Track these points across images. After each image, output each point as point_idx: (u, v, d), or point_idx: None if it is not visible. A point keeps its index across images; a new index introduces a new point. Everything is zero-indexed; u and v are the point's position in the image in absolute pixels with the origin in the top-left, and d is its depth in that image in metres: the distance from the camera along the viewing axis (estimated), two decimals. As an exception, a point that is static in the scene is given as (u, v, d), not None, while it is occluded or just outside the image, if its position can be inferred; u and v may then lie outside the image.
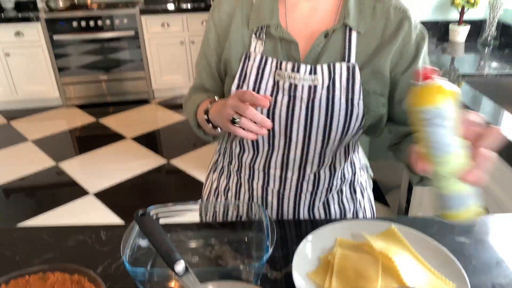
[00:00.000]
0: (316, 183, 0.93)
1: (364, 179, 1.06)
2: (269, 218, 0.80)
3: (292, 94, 0.82)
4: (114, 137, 3.53)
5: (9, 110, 4.08)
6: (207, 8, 3.80)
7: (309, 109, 0.83)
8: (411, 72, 0.83)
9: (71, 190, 2.79)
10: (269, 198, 0.95)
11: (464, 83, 1.72)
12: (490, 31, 2.29)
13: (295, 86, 0.82)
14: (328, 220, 0.98)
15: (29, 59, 3.85)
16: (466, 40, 2.38)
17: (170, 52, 4.04)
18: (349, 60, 0.82)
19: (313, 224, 0.93)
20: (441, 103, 0.57)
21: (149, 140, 3.48)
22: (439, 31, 2.45)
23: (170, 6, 3.96)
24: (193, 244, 0.87)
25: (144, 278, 0.71)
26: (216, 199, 1.04)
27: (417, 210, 2.03)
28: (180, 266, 0.62)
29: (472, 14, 2.38)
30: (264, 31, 0.85)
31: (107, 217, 2.50)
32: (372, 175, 1.11)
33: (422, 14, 2.43)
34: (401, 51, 0.82)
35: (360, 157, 1.03)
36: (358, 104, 0.82)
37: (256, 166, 0.93)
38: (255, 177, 0.95)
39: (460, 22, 2.38)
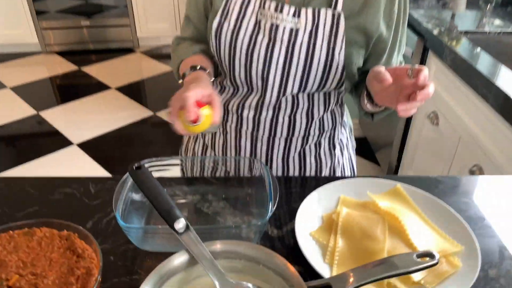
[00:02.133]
0: (291, 128, 0.90)
1: (346, 137, 1.02)
2: (271, 175, 0.76)
3: (272, 35, 0.81)
4: (97, 86, 3.39)
5: (-15, 55, 3.87)
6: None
7: (289, 53, 0.81)
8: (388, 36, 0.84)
9: (53, 141, 2.70)
10: (243, 140, 0.92)
11: (464, 40, 1.66)
12: (493, -14, 2.20)
13: (277, 27, 0.80)
14: (303, 173, 0.95)
15: (4, 0, 3.60)
16: (468, -4, 2.29)
17: (156, -2, 3.83)
18: (335, 7, 0.79)
19: (318, 182, 0.89)
20: None
21: (134, 91, 3.36)
22: (440, -15, 2.34)
23: None
24: (189, 200, 0.82)
25: (138, 234, 0.67)
26: (195, 143, 1.01)
27: (408, 169, 2.03)
28: (180, 223, 0.57)
29: (476, -33, 2.27)
30: None
31: (92, 168, 2.44)
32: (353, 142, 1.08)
33: (425, -34, 2.31)
34: (389, 12, 0.81)
35: (344, 115, 1.00)
36: (339, 54, 0.80)
37: (230, 107, 0.91)
38: (228, 118, 0.92)
39: (463, -25, 2.27)
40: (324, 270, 0.66)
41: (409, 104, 0.67)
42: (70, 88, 3.42)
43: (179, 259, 0.56)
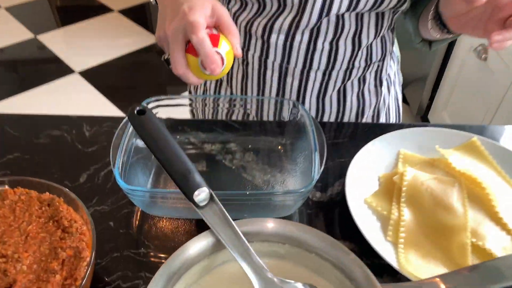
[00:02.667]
0: (332, 58, 0.70)
1: (394, 72, 0.83)
2: (314, 122, 0.58)
3: None
4: (99, 9, 3.11)
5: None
6: None
7: None
8: None
9: (54, 68, 2.50)
10: (268, 74, 0.73)
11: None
12: None
13: None
14: (341, 116, 0.77)
15: None
16: None
17: None
18: None
19: (366, 129, 0.71)
20: None
21: (139, 15, 3.08)
22: None
23: None
24: (206, 149, 0.66)
25: (144, 197, 0.51)
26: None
27: (442, 110, 1.83)
28: (202, 194, 0.40)
29: None
30: None
31: (96, 99, 2.26)
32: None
33: None
34: None
35: (394, 44, 0.80)
36: None
37: (253, 30, 0.69)
38: (251, 45, 0.71)
39: None
40: (387, 250, 0.51)
41: (508, 32, 0.48)
42: (70, 10, 3.15)
43: (199, 244, 0.40)
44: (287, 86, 0.73)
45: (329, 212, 0.57)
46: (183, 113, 0.67)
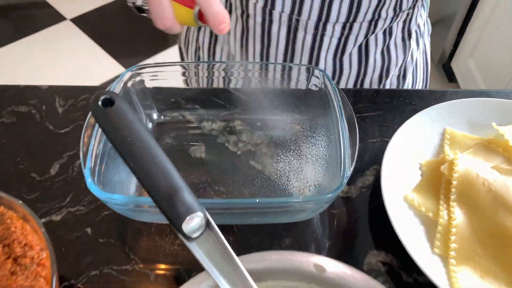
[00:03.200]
0: (355, 6, 0.55)
1: (423, 21, 0.68)
2: (340, 93, 0.45)
3: None
4: None
5: None
6: None
7: None
8: None
9: (44, 14, 2.32)
10: (274, 28, 0.59)
11: None
12: None
13: None
14: (361, 78, 0.64)
15: None
16: None
17: None
18: None
19: (399, 97, 0.58)
20: None
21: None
22: None
23: None
24: (205, 129, 0.53)
25: (127, 207, 0.40)
26: (198, 32, 0.68)
27: (468, 57, 1.66)
28: (195, 221, 0.29)
29: None
30: None
31: (91, 49, 2.10)
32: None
33: None
34: None
35: None
36: None
37: None
38: None
39: None
40: (434, 266, 0.40)
41: None
42: None
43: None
44: (297, 43, 0.59)
45: (359, 212, 0.46)
46: (177, 81, 0.54)
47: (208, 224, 0.30)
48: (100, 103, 0.31)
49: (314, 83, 0.51)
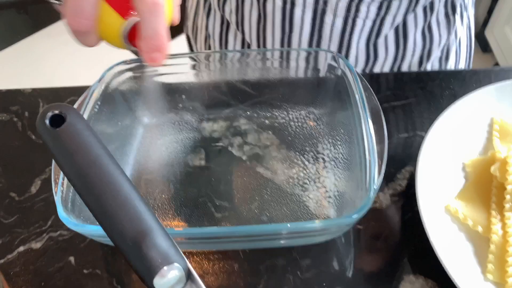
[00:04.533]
0: None
1: None
2: (362, 81, 0.37)
3: None
4: None
5: None
6: None
7: None
8: None
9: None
10: (297, 12, 0.50)
11: None
12: None
13: None
14: (399, 60, 0.55)
15: None
16: None
17: None
18: None
19: (423, 79, 0.49)
20: None
21: None
22: None
23: None
24: (205, 131, 0.46)
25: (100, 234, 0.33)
26: (207, 17, 0.60)
27: (504, 24, 1.51)
28: (171, 275, 0.22)
29: None
30: None
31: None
32: None
33: None
34: None
35: None
36: None
37: None
38: None
39: None
40: (488, 298, 0.32)
41: None
42: None
43: None
44: (325, 28, 0.50)
45: (390, 226, 0.38)
46: (172, 76, 0.47)
47: (189, 277, 0.23)
48: (47, 121, 0.24)
49: (330, 70, 0.42)
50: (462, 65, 0.62)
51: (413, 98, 0.48)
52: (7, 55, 2.01)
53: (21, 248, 0.39)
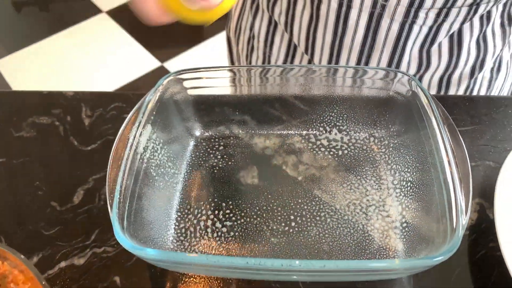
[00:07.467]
0: None
1: None
2: (436, 104, 0.35)
3: None
4: None
5: None
6: None
7: None
8: None
9: (81, 6, 2.28)
10: (353, 15, 0.48)
11: None
12: None
13: None
14: (451, 69, 0.52)
15: None
16: None
17: None
18: None
19: (488, 104, 0.46)
20: None
21: None
22: None
23: None
24: (257, 148, 0.44)
25: (165, 263, 0.31)
26: (254, 18, 0.58)
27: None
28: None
29: None
30: None
31: (126, 43, 2.05)
32: None
33: None
34: None
35: None
36: None
37: None
38: None
39: None
40: None
41: None
42: None
43: None
44: (380, 32, 0.48)
45: (460, 266, 0.35)
46: (223, 88, 0.45)
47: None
48: None
49: (398, 90, 0.40)
50: None
51: (477, 125, 0.45)
52: (27, 53, 2.01)
53: (63, 264, 0.37)
